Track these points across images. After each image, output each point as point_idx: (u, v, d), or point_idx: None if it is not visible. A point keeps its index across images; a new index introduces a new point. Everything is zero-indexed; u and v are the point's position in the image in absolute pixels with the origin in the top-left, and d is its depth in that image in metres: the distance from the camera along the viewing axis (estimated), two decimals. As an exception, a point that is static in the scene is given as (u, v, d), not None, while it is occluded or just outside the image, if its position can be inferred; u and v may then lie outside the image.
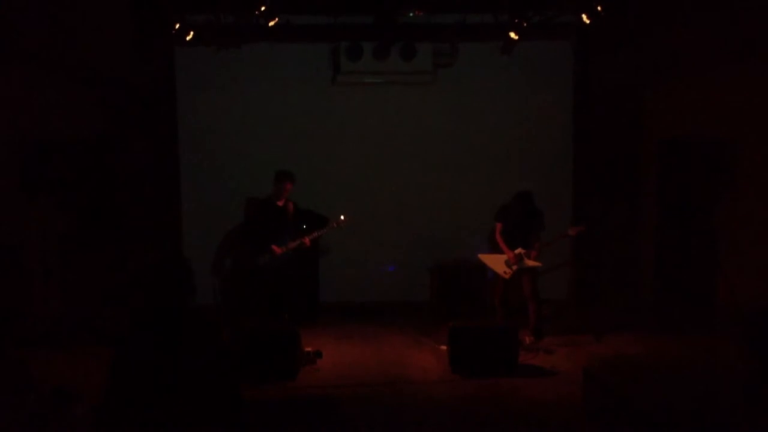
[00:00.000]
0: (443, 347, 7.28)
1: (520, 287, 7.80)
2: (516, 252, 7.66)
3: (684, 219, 8.49)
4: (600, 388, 5.63)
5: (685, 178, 8.46)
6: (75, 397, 5.51)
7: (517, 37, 8.29)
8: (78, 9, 8.08)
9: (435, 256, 9.20)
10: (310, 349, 7.20)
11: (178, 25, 8.09)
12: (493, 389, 6.43)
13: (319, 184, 9.24)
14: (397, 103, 9.41)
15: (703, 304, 8.17)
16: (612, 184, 9.13)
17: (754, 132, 7.68)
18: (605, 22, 7.92)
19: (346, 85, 9.25)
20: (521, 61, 9.18)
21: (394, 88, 9.30)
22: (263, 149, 9.24)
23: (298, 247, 8.11)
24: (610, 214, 9.05)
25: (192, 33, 8.20)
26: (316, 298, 9.13)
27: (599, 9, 7.68)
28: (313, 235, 8.19)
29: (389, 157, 9.43)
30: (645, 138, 9.08)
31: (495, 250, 7.96)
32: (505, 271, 7.72)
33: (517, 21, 8.13)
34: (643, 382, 5.59)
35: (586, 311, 8.82)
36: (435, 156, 9.46)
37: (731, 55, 7.79)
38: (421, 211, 9.46)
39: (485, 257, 8.00)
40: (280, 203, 8.18)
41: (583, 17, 7.87)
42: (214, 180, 9.24)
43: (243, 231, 8.77)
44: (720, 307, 7.97)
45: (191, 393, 3.65)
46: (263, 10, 7.76)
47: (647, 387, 5.43)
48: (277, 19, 8.03)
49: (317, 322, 8.68)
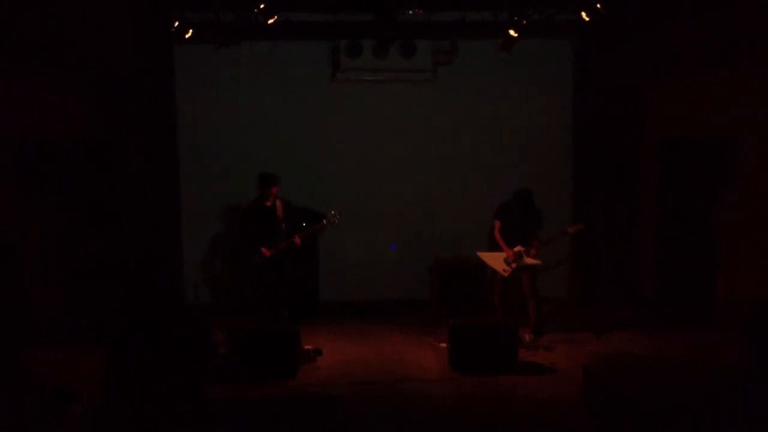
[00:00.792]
0: (443, 345, 7.28)
1: (520, 285, 7.80)
2: (515, 250, 7.66)
3: (684, 217, 8.49)
4: (600, 386, 5.63)
5: (685, 176, 8.46)
6: (74, 396, 5.53)
7: (516, 35, 8.29)
8: (77, 9, 8.07)
9: (435, 254, 9.21)
10: (310, 348, 7.21)
11: (177, 24, 8.09)
12: (493, 387, 6.43)
13: (318, 182, 9.25)
14: (397, 100, 9.41)
15: (703, 302, 8.18)
16: (612, 183, 9.11)
17: (754, 130, 7.67)
18: (605, 20, 7.92)
19: (346, 83, 9.25)
20: (521, 59, 9.18)
21: (394, 86, 9.30)
22: (263, 147, 9.23)
23: (289, 247, 7.95)
24: (610, 213, 9.04)
25: (191, 31, 8.20)
26: (316, 297, 9.13)
27: (599, 7, 7.67)
28: (303, 232, 8.03)
29: (389, 155, 9.43)
30: (645, 136, 9.08)
31: (494, 247, 7.95)
32: (504, 269, 7.73)
33: (516, 19, 8.12)
34: (643, 380, 5.59)
35: (585, 309, 8.82)
36: (435, 153, 9.46)
37: (731, 54, 7.79)
38: (421, 208, 9.46)
39: (484, 255, 8.00)
40: (267, 203, 8.01)
41: (583, 15, 7.87)
42: (213, 178, 9.24)
43: (235, 233, 8.67)
44: (720, 305, 7.97)
45: (179, 389, 3.67)
46: (262, 8, 7.77)
47: (647, 385, 5.44)
48: (276, 17, 8.03)
49: (317, 321, 8.68)
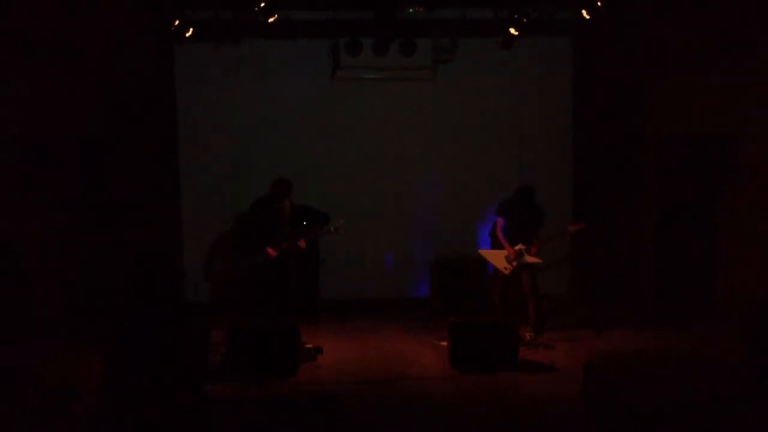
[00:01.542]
0: (443, 343, 7.28)
1: (520, 284, 7.80)
2: (516, 248, 7.66)
3: (683, 216, 8.49)
4: (600, 383, 5.63)
5: (684, 175, 8.46)
6: (74, 395, 5.53)
7: (516, 33, 8.28)
8: (77, 8, 8.06)
9: (435, 252, 9.21)
10: (310, 346, 7.21)
11: (177, 22, 8.08)
12: (493, 385, 6.43)
13: (318, 180, 9.24)
14: (397, 98, 9.40)
15: (703, 300, 8.18)
16: (612, 180, 9.13)
17: (754, 129, 7.66)
18: (605, 18, 7.91)
19: (346, 81, 9.24)
20: (521, 57, 9.17)
21: (394, 84, 9.30)
22: (263, 145, 9.24)
23: (291, 248, 7.93)
24: (609, 211, 9.05)
25: (191, 30, 8.19)
26: (317, 295, 9.13)
27: (599, 5, 7.67)
28: (309, 236, 8.01)
29: (389, 153, 9.42)
30: (645, 135, 9.08)
31: (495, 245, 7.95)
32: (505, 267, 7.73)
33: (516, 17, 8.11)
34: (643, 379, 5.59)
35: (585, 307, 8.82)
36: (435, 151, 9.45)
37: (731, 53, 7.77)
38: (421, 206, 9.46)
39: (485, 252, 8.01)
40: (275, 204, 8.00)
41: (583, 13, 7.86)
42: (213, 177, 9.24)
43: (240, 230, 8.67)
44: (719, 304, 7.97)
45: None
46: (262, 6, 7.76)
47: (647, 383, 5.44)
48: (276, 16, 8.03)
49: (318, 319, 8.68)
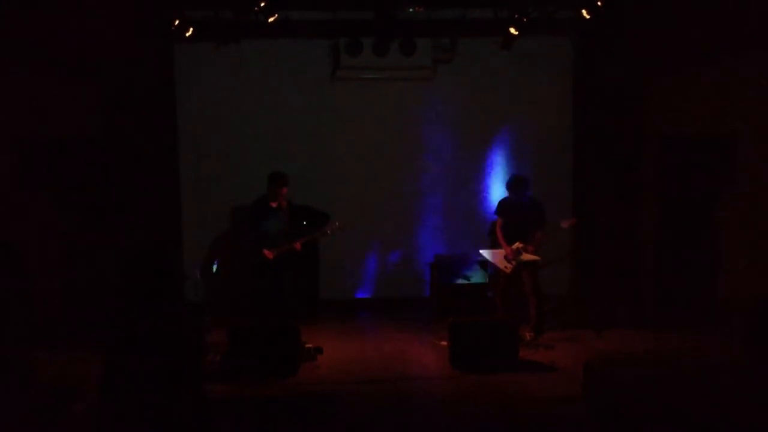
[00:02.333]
0: (443, 343, 7.28)
1: (521, 283, 7.79)
2: (514, 247, 7.65)
3: (684, 216, 8.48)
4: (600, 383, 5.63)
5: (685, 174, 8.46)
6: (75, 395, 5.53)
7: (516, 33, 8.28)
8: (77, 7, 8.06)
9: (434, 252, 9.20)
10: (310, 346, 7.21)
11: (177, 22, 8.08)
12: (493, 385, 6.43)
13: (318, 180, 9.24)
14: (397, 98, 9.41)
15: (703, 300, 8.17)
16: (612, 179, 9.12)
17: (754, 129, 7.66)
18: (605, 18, 7.91)
19: (346, 81, 9.24)
20: (521, 57, 9.18)
21: (394, 84, 9.30)
22: (263, 145, 9.24)
23: (289, 251, 7.82)
24: (610, 211, 9.04)
25: (191, 30, 8.19)
26: (316, 295, 9.13)
27: (599, 5, 7.67)
28: (305, 238, 7.91)
29: (389, 152, 9.43)
30: (645, 134, 9.07)
31: (495, 245, 7.95)
32: (505, 266, 7.72)
33: (516, 16, 8.11)
34: (644, 378, 5.58)
35: (586, 307, 8.81)
36: (434, 151, 9.45)
37: (732, 53, 7.77)
38: (421, 205, 9.46)
39: (486, 253, 8.00)
40: (273, 204, 7.87)
41: (584, 13, 7.86)
42: (213, 176, 9.24)
43: (238, 231, 8.61)
44: (720, 303, 7.97)
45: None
46: (262, 6, 7.76)
47: (647, 382, 5.43)
48: (276, 16, 8.02)
49: (317, 319, 8.68)
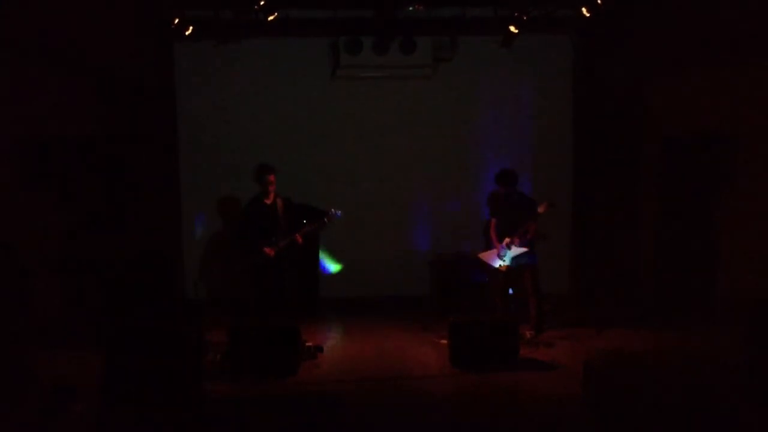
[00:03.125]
0: (443, 341, 7.28)
1: (522, 282, 7.80)
2: (504, 243, 7.67)
3: (684, 214, 8.48)
4: (600, 382, 5.64)
5: (684, 172, 8.46)
6: (75, 395, 5.54)
7: (516, 31, 8.28)
8: (77, 6, 8.06)
9: (434, 250, 9.21)
10: (310, 344, 7.21)
11: (177, 21, 8.09)
12: (494, 383, 6.43)
13: (318, 178, 9.25)
14: (397, 97, 9.41)
15: (703, 297, 8.17)
16: (612, 177, 9.13)
17: (754, 127, 7.66)
18: (605, 16, 7.90)
19: (346, 80, 9.24)
20: (521, 56, 9.17)
21: (394, 83, 9.30)
22: (262, 144, 9.23)
23: (290, 245, 7.83)
24: (610, 209, 9.05)
25: (191, 28, 8.19)
26: (316, 293, 9.13)
27: (599, 3, 7.67)
28: (304, 230, 7.88)
29: (389, 151, 9.43)
30: (645, 133, 9.07)
31: (491, 245, 7.99)
32: (500, 265, 7.73)
33: (516, 15, 8.12)
34: (643, 376, 5.59)
35: (586, 306, 8.82)
36: (434, 150, 9.45)
37: (732, 51, 7.77)
38: (421, 204, 9.47)
39: (483, 255, 7.97)
40: (268, 201, 7.82)
41: (584, 11, 7.86)
42: (213, 175, 9.25)
43: (235, 231, 8.56)
44: (720, 302, 7.97)
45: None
46: (262, 4, 7.76)
47: (647, 381, 5.44)
48: (276, 14, 8.03)
49: (318, 317, 8.69)
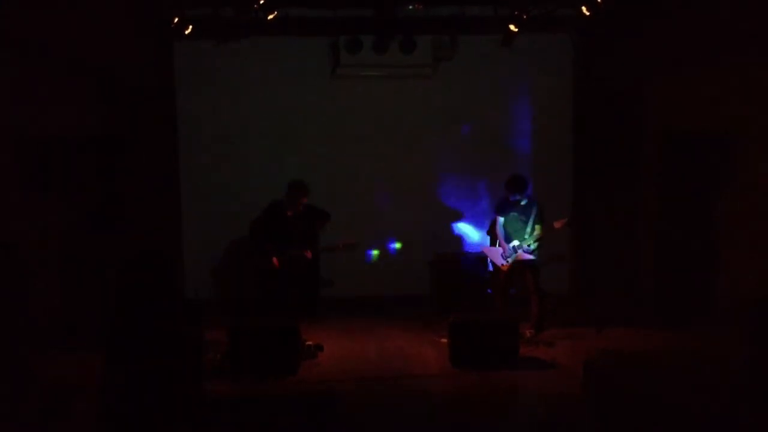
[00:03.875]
0: (443, 340, 7.29)
1: (523, 281, 7.81)
2: (511, 245, 7.67)
3: (684, 212, 8.47)
4: (600, 380, 5.64)
5: (685, 171, 8.45)
6: (74, 394, 5.54)
7: (516, 30, 8.27)
8: (77, 5, 8.05)
9: (434, 249, 9.21)
10: (310, 343, 7.22)
11: (176, 20, 8.07)
12: (494, 382, 6.43)
13: (318, 178, 9.22)
14: (397, 96, 9.40)
15: (703, 296, 8.17)
16: (612, 177, 9.12)
17: (755, 124, 7.64)
18: (605, 15, 7.89)
19: (346, 79, 9.24)
20: (521, 54, 9.16)
21: (394, 82, 9.29)
22: (262, 143, 9.24)
23: (298, 257, 7.81)
24: (610, 208, 9.04)
25: (191, 27, 8.18)
26: (316, 293, 9.12)
27: (599, 2, 7.65)
28: (317, 250, 8.00)
29: (389, 150, 9.42)
30: (645, 131, 9.06)
31: (494, 243, 7.98)
32: (502, 264, 7.74)
33: (516, 14, 8.10)
34: (643, 376, 5.59)
35: (586, 304, 8.82)
36: (434, 148, 9.45)
37: (732, 48, 7.76)
38: (421, 203, 9.47)
39: (487, 250, 8.03)
40: (290, 213, 7.82)
41: (583, 9, 7.84)
42: (213, 174, 9.24)
43: (251, 232, 8.53)
44: (720, 301, 7.96)
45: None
46: (262, 3, 7.75)
47: (647, 380, 5.44)
48: (276, 13, 8.02)
49: (318, 316, 8.68)
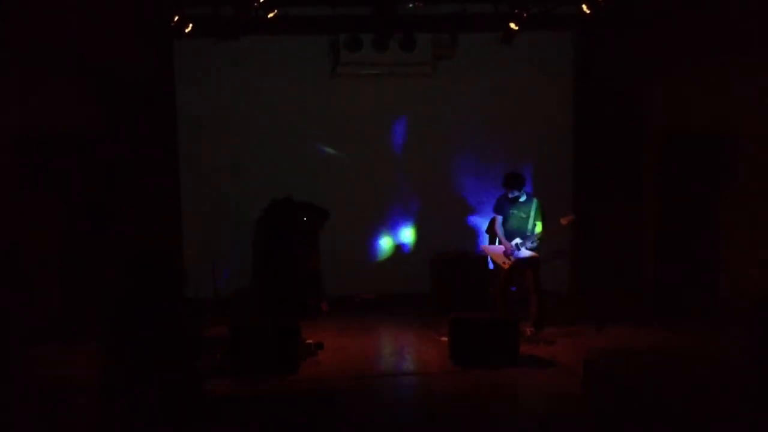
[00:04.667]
0: (444, 339, 7.29)
1: (523, 279, 7.81)
2: (513, 243, 7.67)
3: (684, 211, 8.47)
4: (600, 379, 5.63)
5: (685, 170, 8.45)
6: (74, 393, 5.54)
7: (517, 28, 8.27)
8: (77, 5, 8.04)
9: (434, 248, 9.21)
10: (311, 342, 7.22)
11: (176, 18, 8.07)
12: (494, 381, 6.42)
13: (318, 176, 9.24)
14: (397, 94, 9.40)
15: (704, 294, 8.17)
16: (612, 175, 9.12)
17: (755, 125, 7.64)
18: (606, 13, 7.89)
19: (346, 77, 9.23)
20: (521, 52, 9.16)
21: (394, 80, 9.29)
22: (262, 141, 9.24)
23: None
24: (610, 206, 9.04)
25: (191, 26, 8.17)
26: (318, 291, 9.13)
27: (600, 0, 7.65)
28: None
29: (389, 148, 9.42)
30: (645, 130, 9.06)
31: (494, 241, 7.99)
32: (503, 262, 7.74)
33: (517, 12, 8.11)
34: (644, 374, 5.59)
35: (586, 302, 8.81)
36: (435, 147, 9.45)
37: (732, 48, 7.75)
38: (421, 202, 9.46)
39: (488, 248, 8.04)
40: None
41: (584, 8, 7.84)
42: (213, 173, 9.24)
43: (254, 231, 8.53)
44: (721, 299, 7.96)
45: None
46: (262, 2, 7.76)
47: (648, 378, 5.43)
48: (276, 11, 8.02)
49: (318, 315, 8.68)
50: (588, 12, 7.85)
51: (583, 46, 9.23)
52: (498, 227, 7.83)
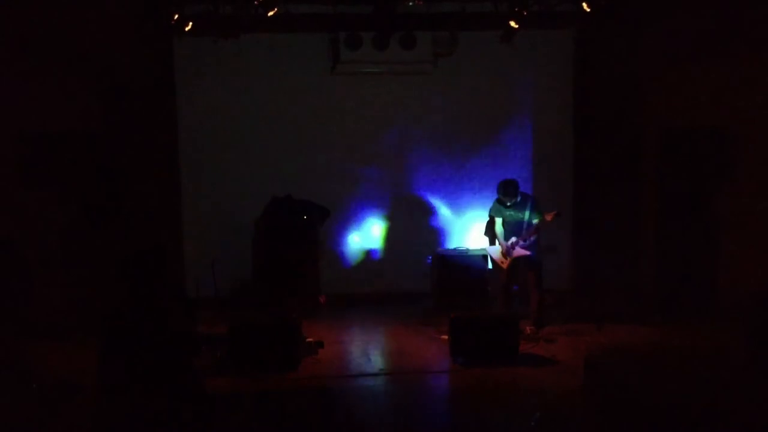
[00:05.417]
0: (444, 337, 7.29)
1: (524, 278, 7.81)
2: (510, 242, 7.68)
3: (684, 208, 8.48)
4: (600, 377, 5.65)
5: (685, 167, 8.45)
6: (74, 392, 5.54)
7: (517, 26, 8.24)
8: (77, 4, 8.03)
9: (435, 246, 9.20)
10: (311, 340, 7.22)
11: (176, 17, 8.05)
12: (494, 379, 6.43)
13: (318, 174, 9.23)
14: (397, 92, 9.39)
15: (704, 292, 8.17)
16: (613, 173, 9.12)
17: (755, 124, 7.64)
18: (606, 11, 7.88)
19: (346, 75, 9.21)
20: (521, 51, 9.12)
21: (394, 78, 9.27)
22: (262, 139, 9.22)
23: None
24: (610, 204, 9.04)
25: (190, 24, 8.16)
26: (318, 290, 9.12)
27: (600, -3, 7.65)
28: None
29: (388, 147, 9.42)
30: (645, 127, 9.06)
31: (492, 242, 8.01)
32: (502, 261, 7.75)
33: (517, 10, 8.08)
34: (644, 372, 5.60)
35: (587, 301, 8.82)
36: (435, 145, 9.44)
37: (731, 45, 7.75)
38: (421, 200, 9.46)
39: (489, 248, 8.05)
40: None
41: (584, 6, 7.82)
42: (213, 171, 9.23)
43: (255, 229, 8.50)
44: (721, 297, 7.97)
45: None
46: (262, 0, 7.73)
47: (647, 376, 5.45)
48: (276, 9, 7.99)
49: (318, 313, 8.69)
50: (588, 10, 7.83)
51: (584, 44, 9.22)
52: (497, 228, 7.85)
